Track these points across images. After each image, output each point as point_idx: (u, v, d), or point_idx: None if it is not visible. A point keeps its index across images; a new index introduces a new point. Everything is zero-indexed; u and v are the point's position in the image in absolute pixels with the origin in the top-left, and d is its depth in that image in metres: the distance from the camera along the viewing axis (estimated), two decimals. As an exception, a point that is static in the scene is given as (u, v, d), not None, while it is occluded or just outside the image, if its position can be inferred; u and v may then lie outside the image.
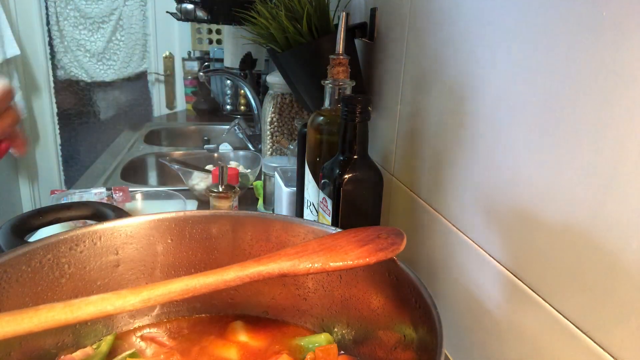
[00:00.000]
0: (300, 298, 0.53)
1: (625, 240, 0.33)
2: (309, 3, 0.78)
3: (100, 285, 0.49)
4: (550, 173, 0.40)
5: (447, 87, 0.58)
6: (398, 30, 0.74)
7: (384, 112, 0.81)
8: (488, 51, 0.49)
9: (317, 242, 0.42)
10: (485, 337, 0.51)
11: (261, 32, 0.85)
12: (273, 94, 1.07)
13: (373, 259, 0.39)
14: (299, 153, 0.78)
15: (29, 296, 0.43)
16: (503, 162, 0.47)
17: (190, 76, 2.38)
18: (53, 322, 0.31)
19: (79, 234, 0.47)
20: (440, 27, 0.60)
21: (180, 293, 0.35)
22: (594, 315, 0.36)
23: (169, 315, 0.54)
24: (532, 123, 0.42)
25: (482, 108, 0.50)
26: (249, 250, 0.53)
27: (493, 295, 0.49)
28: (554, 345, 0.40)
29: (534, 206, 0.42)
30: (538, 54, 0.41)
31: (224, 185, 0.78)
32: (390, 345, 0.44)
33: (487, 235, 0.50)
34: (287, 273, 0.38)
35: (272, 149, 1.10)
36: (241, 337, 0.51)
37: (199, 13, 1.64)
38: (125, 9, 2.38)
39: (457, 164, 0.56)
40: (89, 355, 0.47)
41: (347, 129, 0.58)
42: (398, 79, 0.74)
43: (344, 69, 0.65)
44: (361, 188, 0.59)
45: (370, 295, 0.47)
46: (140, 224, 0.50)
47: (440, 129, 0.60)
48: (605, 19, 0.34)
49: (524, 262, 0.44)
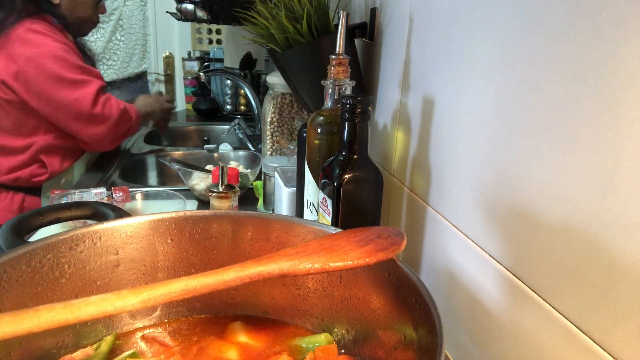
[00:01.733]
0: (300, 298, 0.53)
1: (625, 240, 0.33)
2: (309, 3, 0.78)
3: (100, 285, 0.49)
4: (550, 173, 0.40)
5: (447, 86, 0.58)
6: (398, 30, 0.74)
7: (383, 111, 0.81)
8: (487, 51, 0.49)
9: (317, 242, 0.42)
10: (485, 337, 0.51)
11: (261, 32, 0.85)
12: (273, 94, 1.07)
13: (373, 259, 0.39)
14: (299, 153, 0.78)
15: (29, 296, 0.43)
16: (503, 162, 0.47)
17: (190, 76, 2.38)
18: (53, 322, 0.31)
19: (79, 234, 0.47)
20: (440, 26, 0.60)
21: (180, 293, 0.35)
22: (594, 315, 0.36)
23: (169, 316, 0.54)
24: (533, 123, 0.42)
25: (482, 107, 0.50)
26: (249, 250, 0.53)
27: (493, 295, 0.49)
28: (554, 345, 0.40)
29: (534, 206, 0.42)
30: (538, 54, 0.41)
31: (224, 185, 0.78)
32: (390, 345, 0.44)
33: (487, 235, 0.50)
34: (287, 273, 0.38)
35: (272, 149, 1.10)
36: (241, 338, 0.51)
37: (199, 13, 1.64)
38: (125, 9, 2.39)
39: (457, 164, 0.56)
40: (89, 355, 0.47)
41: (347, 129, 0.58)
42: (398, 79, 0.74)
43: (344, 69, 0.65)
44: (361, 188, 0.59)
45: (370, 295, 0.47)
46: (140, 224, 0.50)
47: (440, 128, 0.60)
48: (605, 19, 0.34)
49: (524, 262, 0.44)
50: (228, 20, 1.63)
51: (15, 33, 1.27)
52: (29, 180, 1.38)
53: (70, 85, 1.28)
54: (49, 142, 1.37)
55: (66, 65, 1.28)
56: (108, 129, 1.35)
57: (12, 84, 1.27)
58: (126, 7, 2.38)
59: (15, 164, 1.36)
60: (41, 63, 1.26)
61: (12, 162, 1.36)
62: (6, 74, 1.27)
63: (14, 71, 1.26)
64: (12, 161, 1.36)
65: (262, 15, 0.83)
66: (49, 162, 1.38)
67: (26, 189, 1.39)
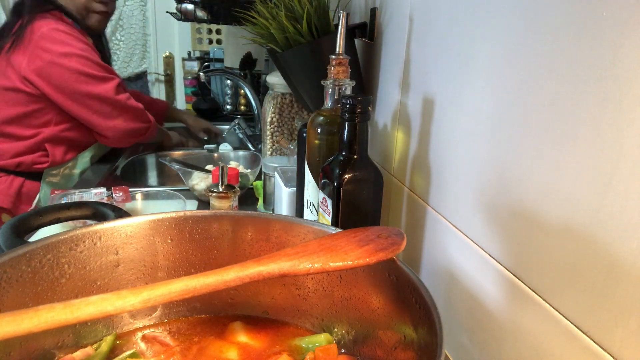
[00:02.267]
0: (300, 298, 0.53)
1: (625, 240, 0.33)
2: (309, 3, 0.78)
3: (100, 285, 0.49)
4: (550, 173, 0.40)
5: (447, 86, 0.58)
6: (398, 30, 0.74)
7: (383, 111, 0.81)
8: (487, 51, 0.49)
9: (317, 242, 0.42)
10: (485, 337, 0.51)
11: (261, 32, 0.85)
12: (273, 94, 1.07)
13: (373, 259, 0.39)
14: (299, 153, 0.78)
15: (29, 296, 0.43)
16: (503, 162, 0.47)
17: (190, 76, 2.38)
18: (53, 322, 0.31)
19: (79, 234, 0.47)
20: (440, 26, 0.60)
21: (180, 293, 0.35)
22: (594, 315, 0.36)
23: (169, 316, 0.54)
24: (533, 123, 0.42)
25: (482, 107, 0.50)
26: (249, 250, 0.53)
27: (493, 295, 0.49)
28: (554, 345, 0.40)
29: (534, 206, 0.42)
30: (538, 54, 0.41)
31: (224, 185, 0.78)
32: (390, 345, 0.44)
33: (487, 235, 0.50)
34: (287, 273, 0.38)
35: (272, 149, 1.10)
36: (241, 338, 0.51)
37: (199, 13, 1.64)
38: (125, 9, 2.39)
39: (457, 164, 0.56)
40: (89, 355, 0.47)
41: (347, 129, 0.58)
42: (398, 79, 0.74)
43: (344, 69, 0.65)
44: (361, 188, 0.59)
45: (370, 295, 0.47)
46: (140, 224, 0.50)
47: (440, 128, 0.60)
48: (605, 19, 0.34)
49: (524, 262, 0.44)
50: (228, 20, 1.63)
51: (40, 32, 1.32)
52: (31, 166, 1.42)
53: (94, 81, 1.36)
54: (56, 134, 1.41)
55: (89, 62, 1.36)
56: (126, 123, 1.42)
57: (34, 79, 1.32)
58: (126, 7, 2.39)
59: (19, 150, 1.40)
60: (66, 60, 1.32)
61: (17, 148, 1.40)
62: (29, 71, 1.32)
63: (38, 67, 1.31)
64: (17, 147, 1.40)
65: (262, 15, 0.83)
66: (53, 151, 1.42)
67: (27, 174, 1.42)
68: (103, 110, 1.38)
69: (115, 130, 1.42)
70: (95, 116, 1.39)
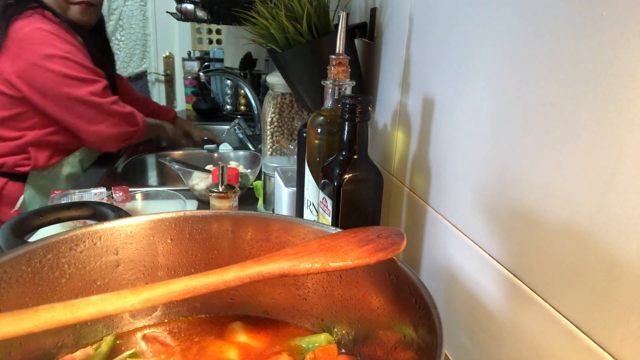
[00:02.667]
0: (300, 298, 0.53)
1: (625, 240, 0.33)
2: (309, 3, 0.78)
3: (100, 285, 0.49)
4: (550, 173, 0.40)
5: (447, 86, 0.58)
6: (398, 30, 0.74)
7: (383, 111, 0.81)
8: (487, 51, 0.49)
9: (317, 242, 0.42)
10: (485, 337, 0.51)
11: (261, 32, 0.85)
12: (273, 94, 1.07)
13: (373, 259, 0.39)
14: (299, 153, 0.78)
15: (29, 296, 0.43)
16: (503, 162, 0.47)
17: (190, 76, 2.38)
18: (53, 322, 0.31)
19: (79, 234, 0.47)
20: (440, 26, 0.60)
21: (180, 293, 0.35)
22: (594, 315, 0.36)
23: (169, 316, 0.54)
24: (533, 122, 0.42)
25: (482, 107, 0.50)
26: (249, 250, 0.53)
27: (493, 295, 0.49)
28: (554, 345, 0.40)
29: (534, 206, 0.42)
30: (538, 54, 0.41)
31: (224, 185, 0.78)
32: (390, 345, 0.44)
33: (487, 235, 0.50)
34: (287, 273, 0.38)
35: (272, 149, 1.10)
36: (241, 338, 0.51)
37: (199, 13, 1.64)
38: (125, 9, 2.39)
39: (457, 164, 0.56)
40: (89, 355, 0.47)
41: (347, 129, 0.58)
42: (398, 79, 0.74)
43: (344, 69, 0.65)
44: (361, 188, 0.59)
45: (370, 295, 0.47)
46: (140, 224, 0.50)
47: (440, 128, 0.60)
48: (605, 19, 0.34)
49: (524, 262, 0.44)
50: (228, 20, 1.64)
51: (23, 32, 1.27)
52: (13, 168, 1.38)
53: (78, 83, 1.30)
54: (40, 137, 1.37)
55: (72, 64, 1.30)
56: (111, 128, 1.37)
57: (17, 82, 1.28)
58: (126, 7, 2.38)
59: (2, 151, 1.36)
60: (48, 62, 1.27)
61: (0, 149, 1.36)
62: (12, 73, 1.27)
63: (20, 70, 1.27)
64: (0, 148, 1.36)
65: (262, 15, 0.83)
66: (35, 155, 1.38)
67: (10, 174, 1.39)
68: (87, 114, 1.33)
69: (98, 136, 1.36)
70: (78, 120, 1.33)
